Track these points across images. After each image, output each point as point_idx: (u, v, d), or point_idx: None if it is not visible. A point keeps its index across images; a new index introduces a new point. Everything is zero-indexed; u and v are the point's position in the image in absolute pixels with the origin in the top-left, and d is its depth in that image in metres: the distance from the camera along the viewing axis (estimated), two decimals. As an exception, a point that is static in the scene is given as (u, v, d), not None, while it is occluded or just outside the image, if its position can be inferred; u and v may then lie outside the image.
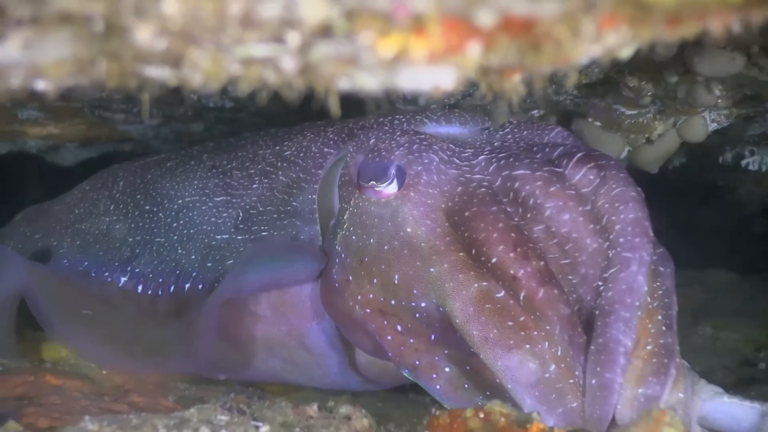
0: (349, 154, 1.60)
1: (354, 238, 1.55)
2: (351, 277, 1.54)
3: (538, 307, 1.38)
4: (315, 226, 1.59)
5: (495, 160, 1.52)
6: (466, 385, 1.47)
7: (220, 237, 1.66)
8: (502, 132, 1.67)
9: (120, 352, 1.68)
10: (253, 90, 0.90)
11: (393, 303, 1.50)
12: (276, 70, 0.86)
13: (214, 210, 1.71)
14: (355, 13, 0.77)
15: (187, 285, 1.69)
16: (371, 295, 1.52)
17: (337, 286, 1.56)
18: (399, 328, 1.50)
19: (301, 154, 1.68)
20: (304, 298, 1.61)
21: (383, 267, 1.51)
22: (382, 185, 1.51)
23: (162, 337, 1.66)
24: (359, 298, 1.53)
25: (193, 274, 1.66)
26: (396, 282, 1.49)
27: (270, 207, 1.64)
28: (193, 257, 1.68)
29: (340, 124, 1.72)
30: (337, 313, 1.57)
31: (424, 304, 1.47)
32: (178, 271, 1.70)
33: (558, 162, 1.51)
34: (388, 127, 1.62)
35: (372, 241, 1.52)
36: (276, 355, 1.69)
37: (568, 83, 1.40)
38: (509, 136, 1.66)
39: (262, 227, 1.63)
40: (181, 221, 1.74)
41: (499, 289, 1.40)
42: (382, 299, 1.51)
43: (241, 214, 1.67)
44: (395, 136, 1.56)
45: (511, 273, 1.40)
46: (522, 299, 1.39)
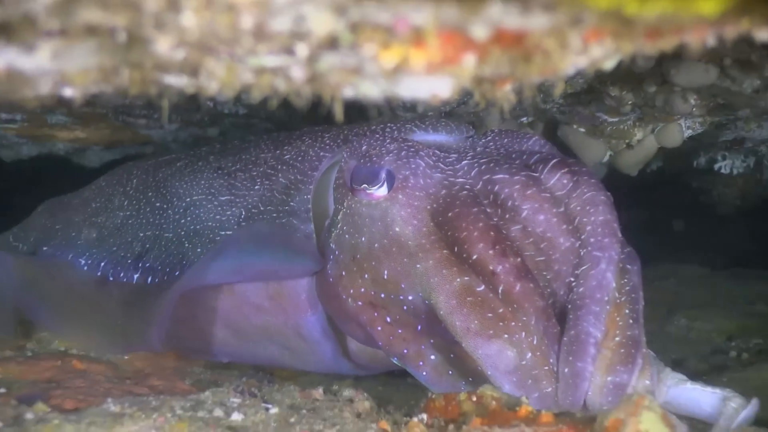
0: (343, 160, 1.61)
1: (347, 236, 1.55)
2: (344, 273, 1.54)
3: (515, 300, 1.38)
4: (310, 225, 1.59)
5: (477, 165, 1.53)
6: (450, 372, 1.48)
7: (223, 233, 1.66)
8: (484, 140, 1.67)
9: (95, 336, 1.72)
10: (264, 97, 0.90)
11: (383, 296, 1.51)
12: (286, 79, 0.86)
13: (219, 208, 1.71)
14: (359, 27, 0.76)
15: None
16: (363, 289, 1.52)
17: (331, 280, 1.56)
18: (388, 320, 1.50)
19: (299, 158, 1.68)
20: (300, 291, 1.61)
21: (374, 263, 1.51)
22: (373, 188, 1.51)
23: (127, 322, 1.68)
24: (352, 292, 1.53)
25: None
26: (385, 277, 1.50)
27: (270, 206, 1.64)
28: (198, 250, 1.68)
29: (336, 130, 1.72)
30: (331, 306, 1.58)
31: (411, 298, 1.48)
32: (184, 262, 1.70)
33: (534, 167, 1.51)
34: (379, 135, 1.62)
35: (363, 239, 1.53)
36: (274, 342, 1.70)
37: (556, 92, 1.39)
38: (491, 144, 1.66)
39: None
40: (188, 218, 1.74)
41: (480, 283, 1.41)
42: (373, 293, 1.51)
43: (243, 213, 1.67)
44: (385, 143, 1.57)
45: (491, 269, 1.40)
46: (501, 293, 1.39)
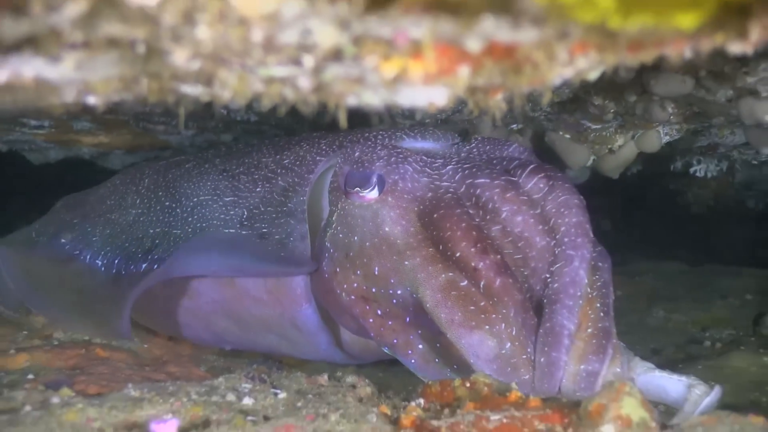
0: (338, 165, 1.61)
1: (341, 236, 1.55)
2: (338, 269, 1.54)
3: (495, 294, 1.38)
4: (305, 225, 1.58)
5: (460, 170, 1.53)
6: (437, 360, 1.47)
7: (227, 231, 1.66)
8: (468, 146, 1.67)
9: (75, 318, 1.74)
10: (274, 105, 0.90)
11: (374, 291, 1.51)
12: (293, 88, 0.85)
13: (224, 208, 1.70)
14: (361, 40, 0.76)
15: None
16: (355, 284, 1.52)
17: (326, 276, 1.56)
18: (379, 312, 1.50)
19: (297, 162, 1.68)
20: (296, 286, 1.60)
21: (365, 260, 1.51)
22: (365, 191, 1.52)
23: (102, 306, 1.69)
24: (345, 287, 1.53)
25: None
26: (376, 273, 1.50)
27: (270, 207, 1.64)
28: None
29: (331, 136, 1.72)
30: (326, 299, 1.58)
31: (400, 292, 1.48)
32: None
33: (513, 172, 1.51)
34: (371, 142, 1.62)
35: (356, 238, 1.53)
36: (272, 332, 1.69)
37: (544, 101, 1.39)
38: (474, 150, 1.66)
39: (263, 225, 1.62)
40: (195, 216, 1.73)
41: (463, 278, 1.41)
42: (365, 287, 1.51)
43: (245, 213, 1.66)
44: (377, 150, 1.57)
45: (473, 265, 1.40)
46: (482, 287, 1.39)
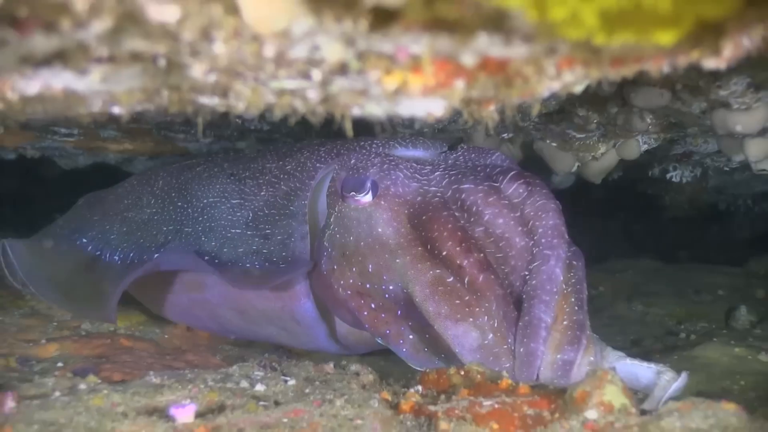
0: (335, 171, 1.62)
1: (338, 236, 1.57)
2: (335, 267, 1.55)
3: (478, 289, 1.39)
4: (306, 226, 1.59)
5: (447, 176, 1.54)
6: (426, 349, 1.49)
7: (234, 231, 1.66)
8: (454, 154, 1.68)
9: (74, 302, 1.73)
10: (285, 115, 0.89)
11: (368, 286, 1.52)
12: (303, 100, 0.85)
13: (231, 210, 1.71)
14: (365, 55, 0.76)
15: None
16: (351, 280, 1.53)
17: (324, 273, 1.57)
18: (373, 306, 1.51)
19: (298, 168, 1.69)
20: (295, 282, 1.61)
21: (360, 258, 1.52)
22: (360, 195, 1.53)
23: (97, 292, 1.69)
24: (342, 283, 1.54)
25: (212, 256, 1.67)
26: (370, 270, 1.51)
27: (273, 210, 1.64)
28: (213, 243, 1.67)
29: (330, 144, 1.72)
30: (324, 294, 1.59)
31: (392, 287, 1.49)
32: (201, 252, 1.69)
33: (496, 178, 1.52)
34: (366, 150, 1.63)
35: (352, 238, 1.54)
36: (273, 324, 1.70)
37: (533, 112, 1.38)
38: (460, 158, 1.66)
39: (267, 226, 1.62)
40: (204, 216, 1.73)
41: (449, 275, 1.42)
42: (360, 283, 1.53)
43: (251, 215, 1.67)
44: (371, 157, 1.59)
45: (458, 263, 1.41)
46: (466, 283, 1.40)
